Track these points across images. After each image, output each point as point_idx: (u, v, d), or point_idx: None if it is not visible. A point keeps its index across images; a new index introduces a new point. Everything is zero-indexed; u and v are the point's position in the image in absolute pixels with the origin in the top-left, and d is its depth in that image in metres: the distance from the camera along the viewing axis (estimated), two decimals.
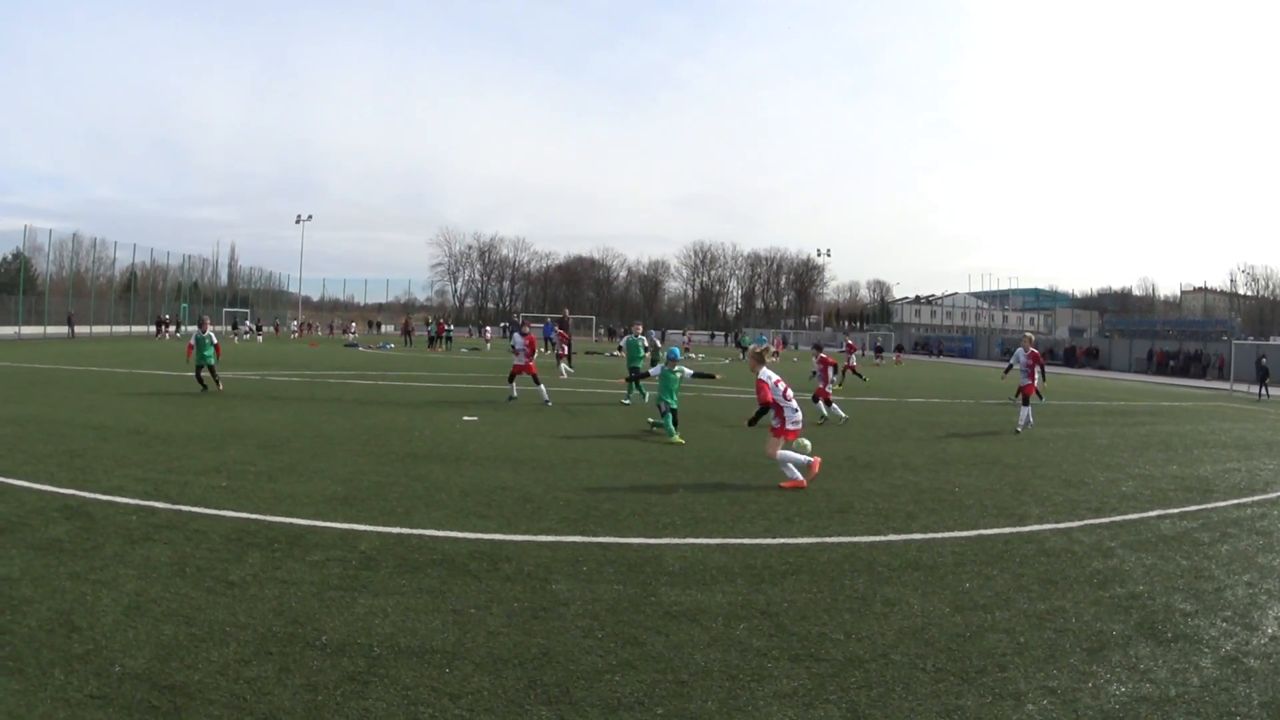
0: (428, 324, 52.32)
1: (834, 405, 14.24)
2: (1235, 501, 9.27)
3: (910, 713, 3.58)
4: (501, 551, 5.45)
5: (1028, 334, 18.18)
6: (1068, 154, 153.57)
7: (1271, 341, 48.91)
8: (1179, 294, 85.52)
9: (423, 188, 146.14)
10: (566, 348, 24.65)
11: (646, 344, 16.78)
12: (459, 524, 6.10)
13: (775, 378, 8.40)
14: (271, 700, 3.23)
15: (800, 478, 8.16)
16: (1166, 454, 13.03)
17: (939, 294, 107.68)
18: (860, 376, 23.80)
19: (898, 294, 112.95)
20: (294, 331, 58.82)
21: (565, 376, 22.00)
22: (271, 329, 61.26)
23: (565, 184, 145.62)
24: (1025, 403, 14.50)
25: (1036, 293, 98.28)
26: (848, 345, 26.59)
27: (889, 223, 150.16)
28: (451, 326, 48.34)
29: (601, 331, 74.01)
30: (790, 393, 8.44)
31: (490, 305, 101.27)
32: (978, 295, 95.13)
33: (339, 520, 6.00)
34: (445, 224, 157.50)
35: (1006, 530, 7.22)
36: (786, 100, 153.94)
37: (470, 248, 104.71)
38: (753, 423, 8.43)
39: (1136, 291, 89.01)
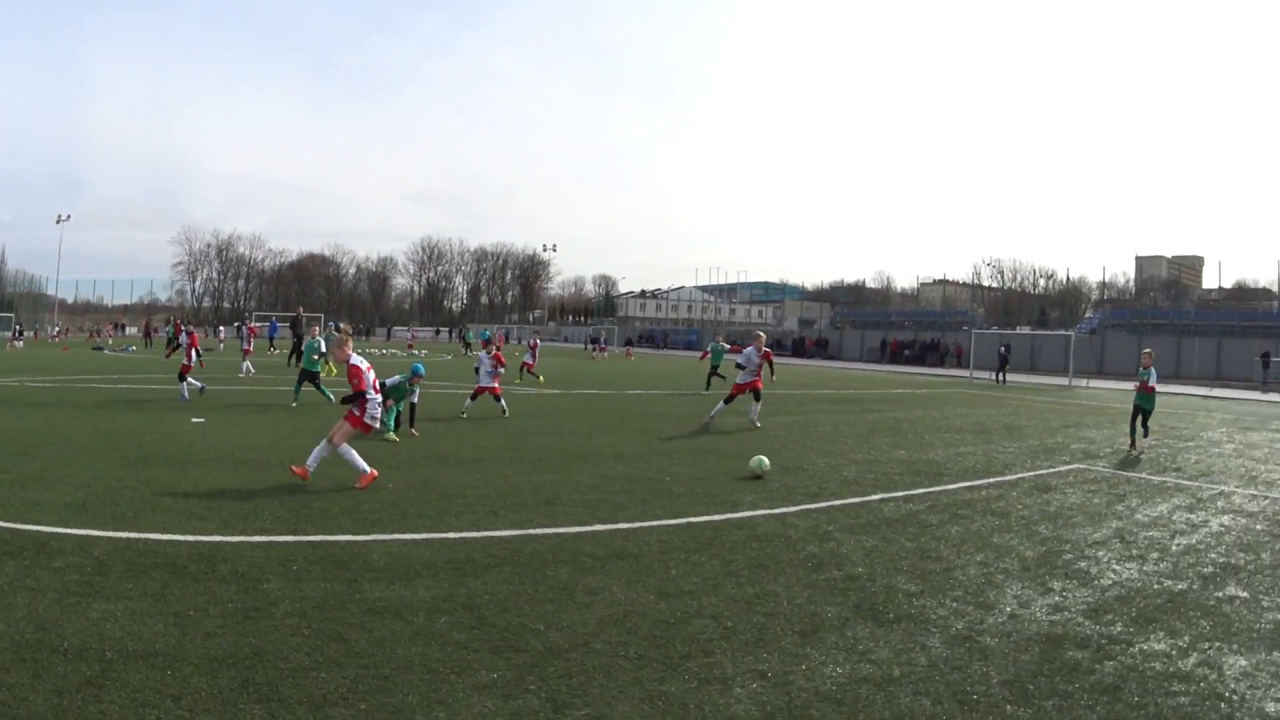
0: (168, 324, 74.25)
1: (500, 402, 22.01)
2: (968, 484, 14.39)
3: (612, 700, 5.41)
4: (219, 553, 8.37)
5: (759, 333, 24.58)
6: (805, 152, 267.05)
7: (1018, 331, 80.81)
8: (917, 286, 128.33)
9: (173, 185, 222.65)
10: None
11: (321, 348, 24.66)
12: (182, 527, 9.34)
13: (367, 365, 12.58)
14: (29, 706, 5.13)
15: (367, 469, 11.96)
16: (894, 439, 20.06)
17: (666, 288, 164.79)
18: (536, 376, 36.26)
19: (624, 288, 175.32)
20: (53, 336, 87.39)
21: (247, 375, 34.49)
22: (32, 334, 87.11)
23: (305, 181, 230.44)
24: (758, 399, 22.28)
25: (766, 286, 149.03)
26: (532, 344, 41.12)
27: (623, 218, 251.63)
28: (189, 327, 69.72)
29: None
30: (378, 384, 13.01)
31: (225, 305, 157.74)
32: (705, 289, 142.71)
33: (78, 526, 9.24)
34: (189, 222, 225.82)
35: (718, 517, 10.87)
36: (531, 98, 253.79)
37: (209, 245, 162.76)
38: (345, 401, 12.53)
39: (872, 284, 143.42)
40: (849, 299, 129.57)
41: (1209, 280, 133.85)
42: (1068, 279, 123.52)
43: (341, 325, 15.42)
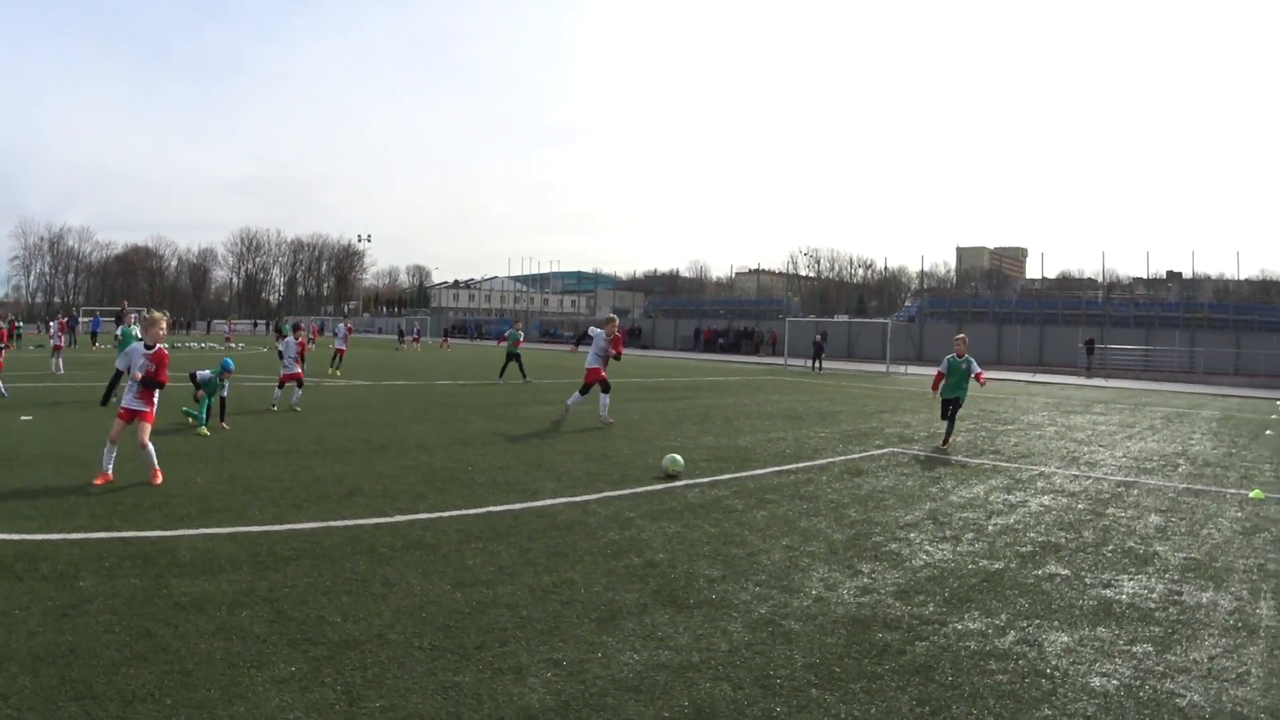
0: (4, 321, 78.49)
1: (300, 391, 22.40)
2: (777, 469, 14.53)
3: (405, 692, 5.59)
4: (41, 551, 8.59)
5: (611, 315, 24.75)
6: (618, 141, 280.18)
7: (835, 320, 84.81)
8: (732, 276, 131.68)
9: (11, 178, 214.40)
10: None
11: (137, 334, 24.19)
12: (7, 526, 9.46)
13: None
14: None
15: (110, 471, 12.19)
16: (703, 426, 20.80)
17: (479, 278, 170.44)
18: (337, 364, 38.17)
19: (438, 278, 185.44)
20: None
21: (56, 371, 34.46)
22: None
23: (135, 171, 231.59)
24: (606, 390, 21.70)
25: (579, 275, 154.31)
26: (347, 329, 42.97)
27: (438, 208, 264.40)
28: (21, 324, 70.48)
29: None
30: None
31: (56, 299, 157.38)
32: (518, 279, 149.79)
33: None
34: (24, 215, 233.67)
35: (518, 506, 11.19)
36: (351, 87, 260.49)
37: (42, 239, 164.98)
38: (146, 386, 12.55)
39: (686, 273, 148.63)
40: (663, 288, 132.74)
41: (1032, 271, 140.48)
42: (886, 268, 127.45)
43: (154, 310, 14.83)
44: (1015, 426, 23.06)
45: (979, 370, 18.86)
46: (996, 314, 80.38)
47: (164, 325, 12.33)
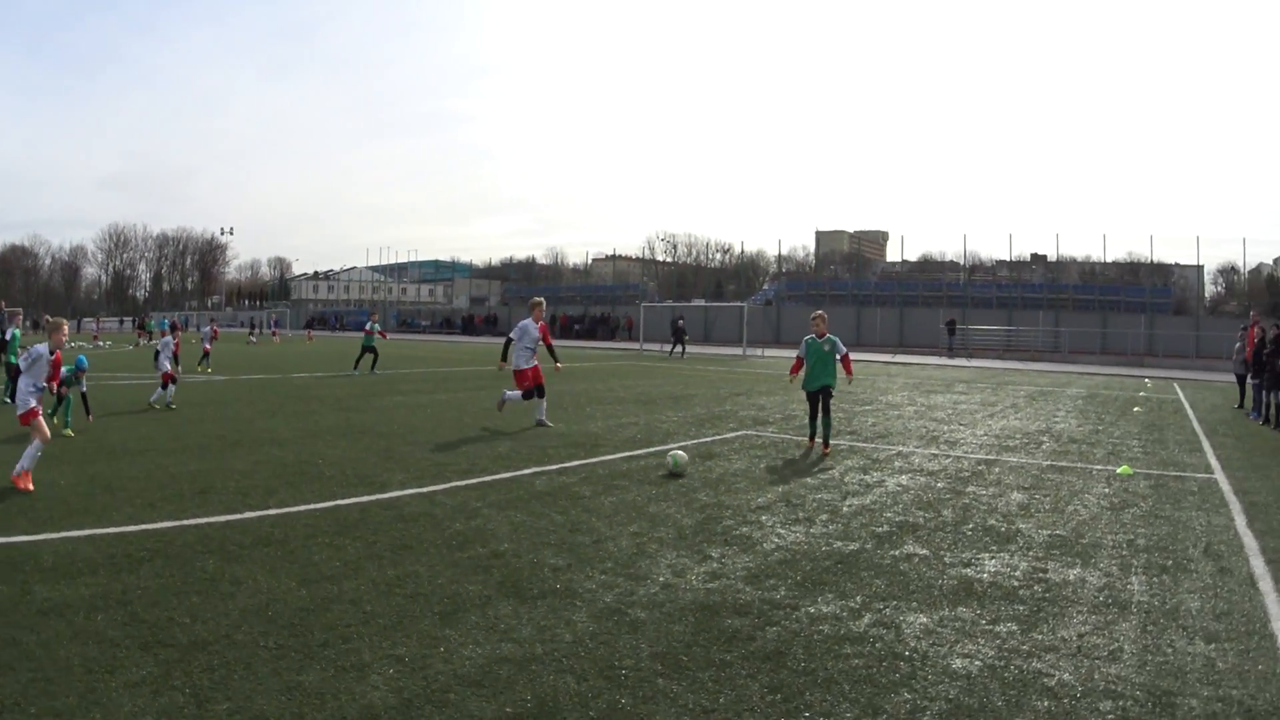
0: None
1: (171, 388, 22.29)
2: (627, 455, 14.44)
3: (251, 693, 5.55)
4: None
5: (537, 299, 22.39)
6: (476, 128, 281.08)
7: (692, 304, 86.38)
8: (589, 262, 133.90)
9: None
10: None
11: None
12: None
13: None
14: None
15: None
16: (554, 413, 20.40)
17: (338, 269, 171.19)
18: (205, 363, 37.83)
19: (299, 270, 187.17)
20: None
21: None
22: None
23: (9, 168, 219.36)
24: (542, 394, 19.73)
25: (436, 264, 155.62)
26: (213, 332, 42.71)
27: (301, 198, 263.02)
28: None
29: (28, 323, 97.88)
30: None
31: None
32: (376, 269, 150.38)
33: None
34: None
35: (365, 499, 11.27)
36: (217, 76, 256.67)
37: None
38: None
39: (543, 260, 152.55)
40: (520, 276, 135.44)
41: (893, 254, 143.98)
42: (743, 253, 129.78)
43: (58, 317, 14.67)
44: (873, 407, 23.25)
45: (845, 351, 15.88)
46: (856, 296, 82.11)
47: (66, 330, 12.80)
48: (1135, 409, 25.40)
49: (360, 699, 5.40)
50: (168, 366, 22.13)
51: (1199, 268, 77.22)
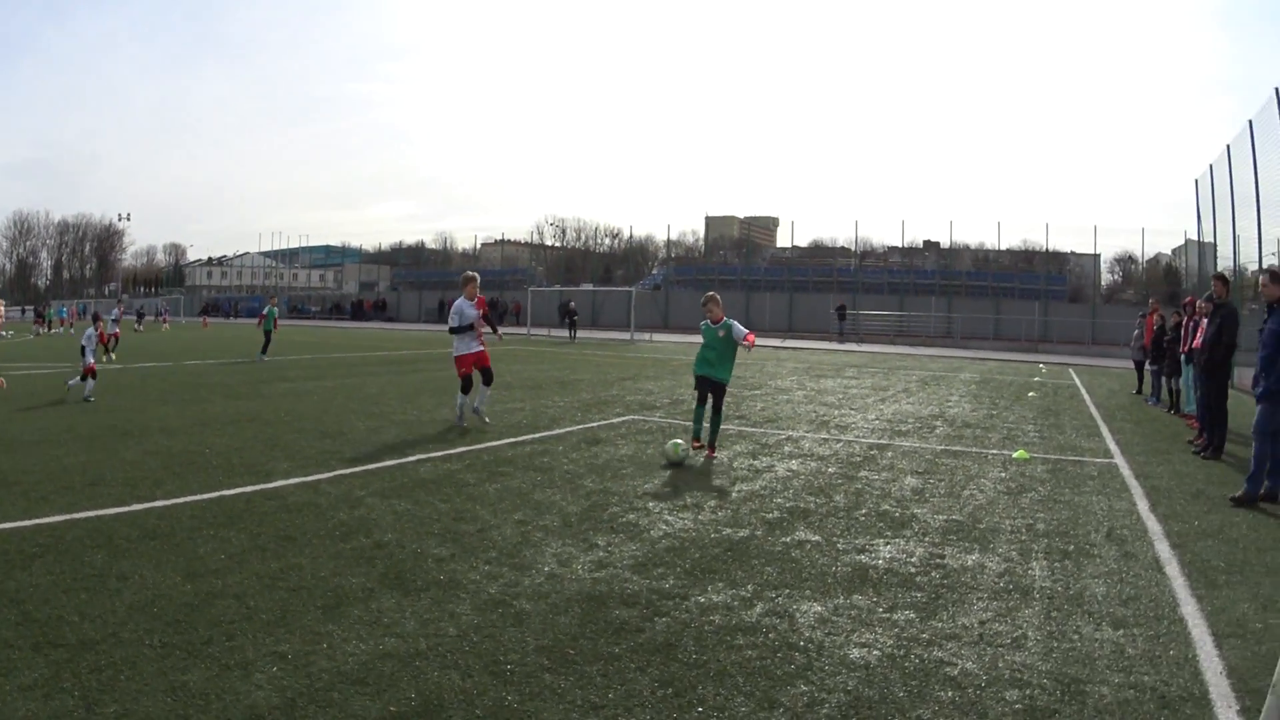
0: None
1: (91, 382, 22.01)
2: (512, 440, 14.44)
3: (137, 694, 5.45)
4: None
5: (471, 275, 21.23)
6: (367, 112, 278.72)
7: (581, 288, 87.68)
8: (477, 247, 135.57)
9: None
10: None
11: None
12: None
13: None
14: None
15: None
16: (439, 399, 20.37)
17: (232, 254, 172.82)
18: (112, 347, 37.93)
19: (193, 256, 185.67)
20: None
21: None
22: None
23: None
24: (488, 381, 17.82)
25: (327, 249, 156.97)
26: (118, 315, 45.60)
27: (196, 184, 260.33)
28: None
29: None
30: None
31: None
32: (269, 254, 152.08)
33: None
34: None
35: (250, 489, 11.18)
36: (123, 62, 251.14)
37: None
38: None
39: (432, 245, 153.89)
40: (409, 261, 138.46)
41: (783, 239, 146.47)
42: (632, 237, 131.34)
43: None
44: (762, 391, 23.47)
45: (745, 332, 13.71)
46: (745, 281, 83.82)
47: None
48: (1030, 394, 25.88)
49: (244, 699, 5.34)
50: (91, 359, 21.91)
51: (1096, 256, 79.31)
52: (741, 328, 13.97)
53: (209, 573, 7.71)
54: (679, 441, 13.52)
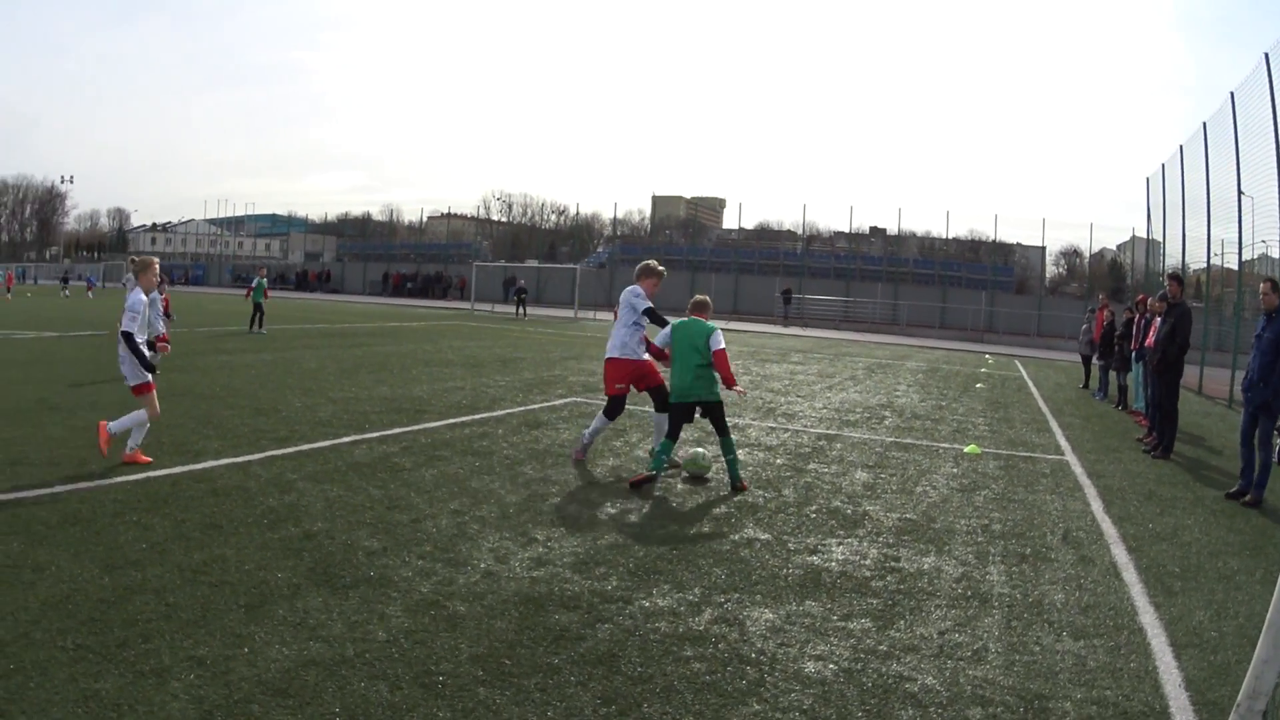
0: None
1: None
2: (451, 421, 14.05)
3: (47, 704, 5.03)
4: None
5: (656, 268, 19.38)
6: (318, 79, 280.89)
7: (526, 264, 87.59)
8: (424, 219, 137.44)
9: None
10: None
11: None
12: None
13: None
14: None
15: None
16: (379, 375, 20.07)
17: (176, 221, 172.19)
18: None
19: (137, 221, 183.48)
20: None
21: None
22: None
23: None
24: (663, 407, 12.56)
25: (273, 218, 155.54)
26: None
27: (142, 147, 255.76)
28: None
29: None
30: None
31: None
32: (214, 222, 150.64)
33: None
34: None
35: (178, 469, 10.64)
36: (66, 18, 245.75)
37: None
38: None
39: (379, 217, 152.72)
40: (355, 232, 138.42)
41: (730, 221, 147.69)
42: (579, 214, 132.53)
43: None
44: None
45: (720, 346, 10.62)
46: (691, 262, 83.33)
47: None
48: (978, 385, 25.99)
49: (159, 710, 4.96)
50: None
51: (1042, 249, 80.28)
52: (721, 340, 10.84)
53: (129, 564, 7.29)
54: (702, 451, 11.76)
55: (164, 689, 5.19)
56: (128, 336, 11.35)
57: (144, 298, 11.05)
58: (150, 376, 11.41)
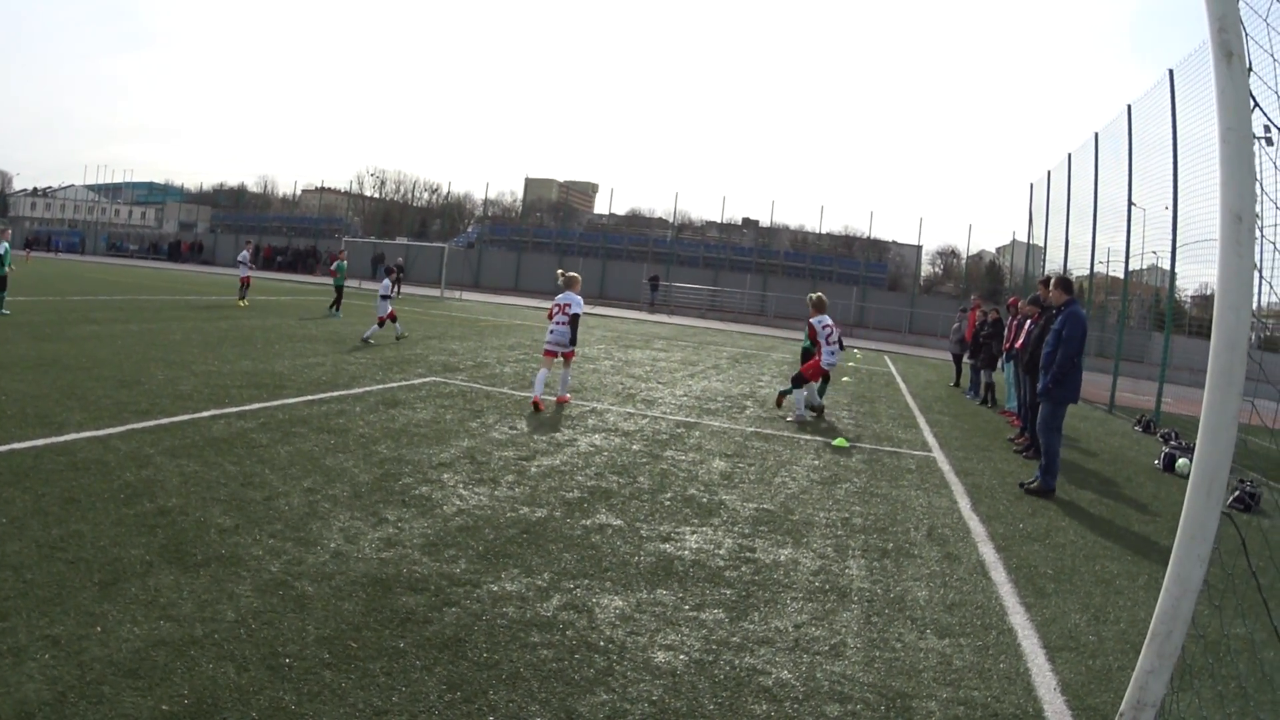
0: None
1: None
2: (310, 398, 14.00)
3: None
4: None
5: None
6: (198, 48, 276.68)
7: (396, 241, 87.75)
8: (297, 192, 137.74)
9: None
10: None
11: None
12: None
13: None
14: None
15: None
16: (243, 349, 19.92)
17: (56, 186, 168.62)
18: None
19: (19, 185, 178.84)
20: None
21: None
22: None
23: None
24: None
25: (150, 186, 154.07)
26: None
27: (23, 109, 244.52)
28: None
29: None
30: None
31: None
32: (93, 188, 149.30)
33: None
34: None
35: (41, 442, 10.46)
36: None
37: None
38: None
39: (254, 188, 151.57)
40: (229, 203, 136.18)
41: (601, 206, 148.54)
42: (449, 193, 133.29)
43: None
44: None
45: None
46: (560, 245, 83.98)
47: None
48: (845, 379, 25.99)
49: (15, 692, 4.87)
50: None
51: (918, 247, 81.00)
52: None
53: None
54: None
55: (20, 669, 5.10)
56: None
57: None
58: None
